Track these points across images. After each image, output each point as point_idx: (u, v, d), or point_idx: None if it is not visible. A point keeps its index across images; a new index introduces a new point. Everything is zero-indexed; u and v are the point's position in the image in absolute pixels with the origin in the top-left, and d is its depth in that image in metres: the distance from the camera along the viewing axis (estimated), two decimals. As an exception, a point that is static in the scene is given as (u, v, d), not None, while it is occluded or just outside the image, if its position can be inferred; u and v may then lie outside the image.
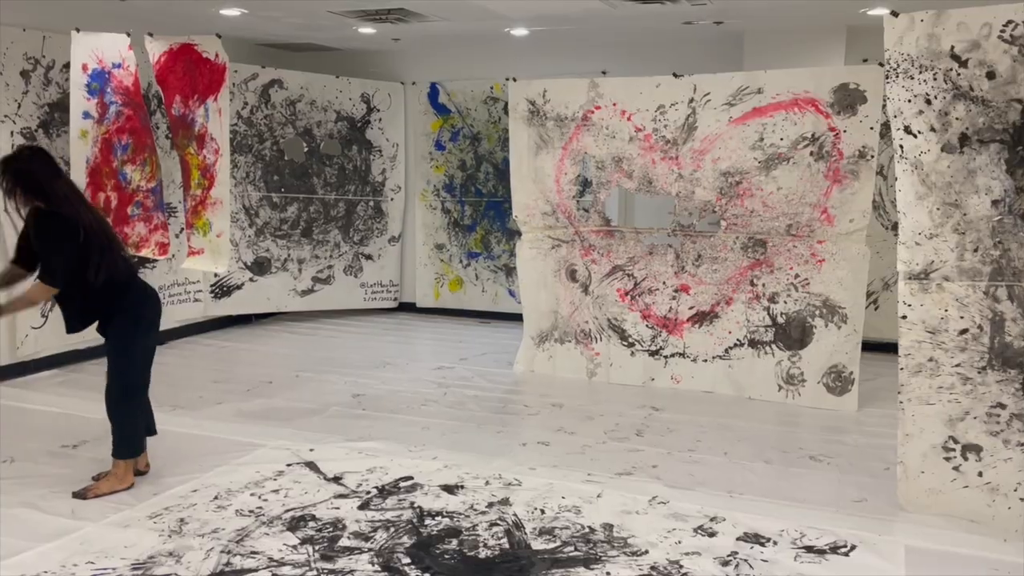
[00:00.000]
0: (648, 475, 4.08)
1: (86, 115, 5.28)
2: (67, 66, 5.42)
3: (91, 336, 6.20)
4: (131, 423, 3.84)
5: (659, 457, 4.34)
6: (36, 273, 3.64)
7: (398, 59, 7.94)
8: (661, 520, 3.54)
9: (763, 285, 5.32)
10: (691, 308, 5.53)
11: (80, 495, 3.71)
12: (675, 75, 5.32)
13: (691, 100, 5.28)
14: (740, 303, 5.40)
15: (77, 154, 5.32)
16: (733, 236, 5.36)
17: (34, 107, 5.65)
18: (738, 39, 6.45)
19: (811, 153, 5.04)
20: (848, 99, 4.93)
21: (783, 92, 5.06)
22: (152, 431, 4.05)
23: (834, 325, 5.16)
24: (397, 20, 6.14)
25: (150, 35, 5.01)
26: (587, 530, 3.42)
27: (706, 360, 5.54)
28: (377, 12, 5.88)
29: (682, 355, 5.60)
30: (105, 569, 3.06)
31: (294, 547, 3.24)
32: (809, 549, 3.29)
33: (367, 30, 6.62)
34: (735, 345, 5.45)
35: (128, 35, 5.13)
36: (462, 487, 3.86)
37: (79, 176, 5.33)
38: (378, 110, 7.84)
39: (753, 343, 5.40)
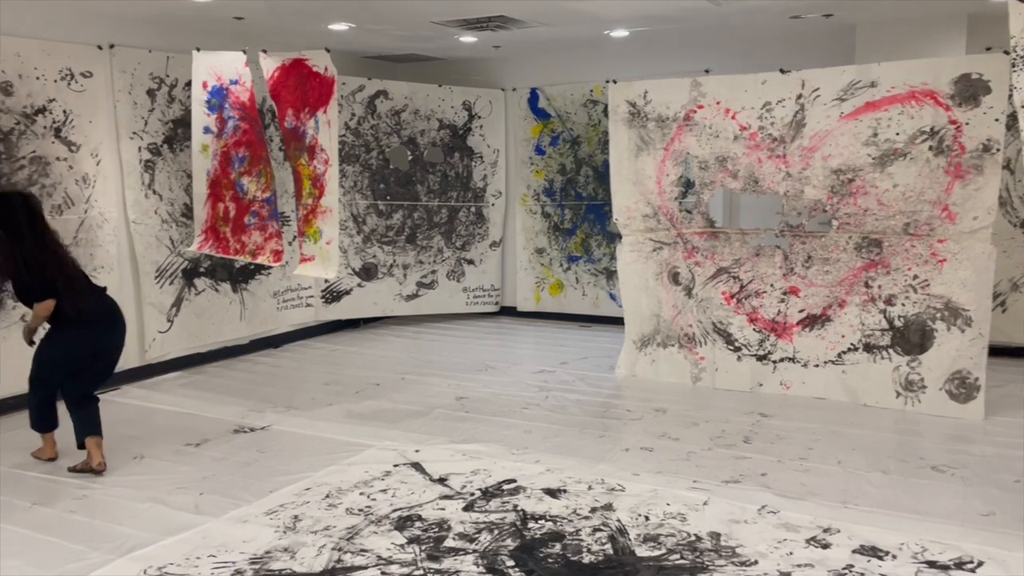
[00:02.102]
0: (757, 483, 3.97)
1: (206, 130, 5.57)
2: (189, 84, 5.74)
3: (211, 340, 6.56)
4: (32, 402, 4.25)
5: (768, 465, 4.21)
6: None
7: (499, 66, 8.02)
8: (771, 530, 3.44)
9: (879, 287, 5.09)
10: (801, 311, 5.35)
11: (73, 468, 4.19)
12: (782, 71, 5.16)
13: (799, 96, 5.12)
14: (854, 306, 5.18)
15: (198, 167, 5.62)
16: (846, 236, 5.16)
17: (159, 124, 6.00)
18: (849, 32, 6.20)
19: (930, 148, 4.80)
20: (970, 90, 4.67)
21: (899, 85, 4.84)
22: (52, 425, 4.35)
23: (957, 328, 4.89)
24: (498, 27, 6.20)
25: (264, 52, 5.24)
26: (693, 538, 3.36)
27: (818, 365, 5.35)
28: (478, 20, 5.97)
29: (792, 360, 5.43)
30: (225, 563, 3.21)
31: (401, 546, 3.31)
32: (932, 564, 3.12)
33: (468, 39, 6.72)
34: (849, 349, 5.24)
35: (244, 52, 5.38)
36: (565, 491, 3.85)
37: (200, 188, 5.64)
38: (479, 117, 7.94)
39: (868, 347, 5.17)
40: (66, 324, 4.11)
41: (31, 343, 4.23)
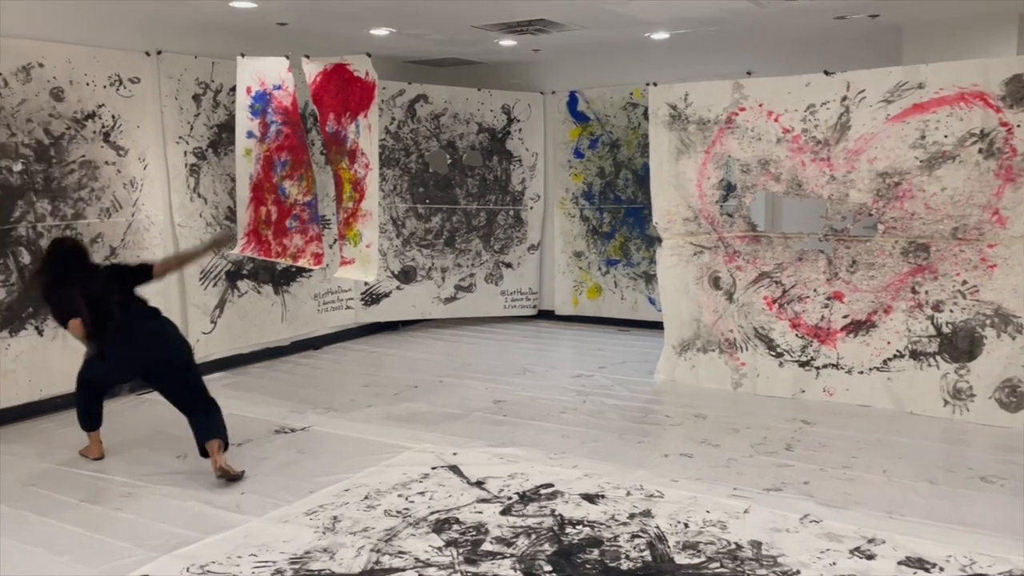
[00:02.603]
0: (799, 492, 3.90)
1: (250, 134, 5.65)
2: (233, 89, 5.82)
3: (253, 341, 6.65)
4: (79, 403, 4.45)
5: (811, 473, 4.14)
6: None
7: (538, 69, 8.02)
8: (813, 539, 3.38)
9: (926, 292, 4.98)
10: (845, 317, 5.26)
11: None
12: (826, 73, 5.09)
13: (844, 98, 5.03)
14: (900, 312, 5.08)
15: (242, 171, 5.71)
16: (892, 240, 5.06)
17: (204, 128, 6.11)
18: (896, 33, 6.09)
19: (980, 150, 4.69)
20: (1022, 91, 4.55)
21: (947, 86, 4.73)
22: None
23: (1008, 335, 4.76)
24: (538, 31, 6.20)
25: (306, 57, 5.29)
26: (733, 546, 3.31)
27: (862, 372, 5.25)
28: (518, 24, 5.97)
29: (835, 366, 5.33)
30: (266, 562, 3.24)
31: (439, 549, 3.32)
32: (981, 578, 3.05)
33: (508, 42, 6.73)
34: (895, 356, 5.13)
35: (287, 58, 5.44)
36: (603, 497, 3.83)
37: (243, 192, 5.72)
38: (518, 121, 7.95)
39: (915, 354, 5.06)
40: (104, 338, 4.28)
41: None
